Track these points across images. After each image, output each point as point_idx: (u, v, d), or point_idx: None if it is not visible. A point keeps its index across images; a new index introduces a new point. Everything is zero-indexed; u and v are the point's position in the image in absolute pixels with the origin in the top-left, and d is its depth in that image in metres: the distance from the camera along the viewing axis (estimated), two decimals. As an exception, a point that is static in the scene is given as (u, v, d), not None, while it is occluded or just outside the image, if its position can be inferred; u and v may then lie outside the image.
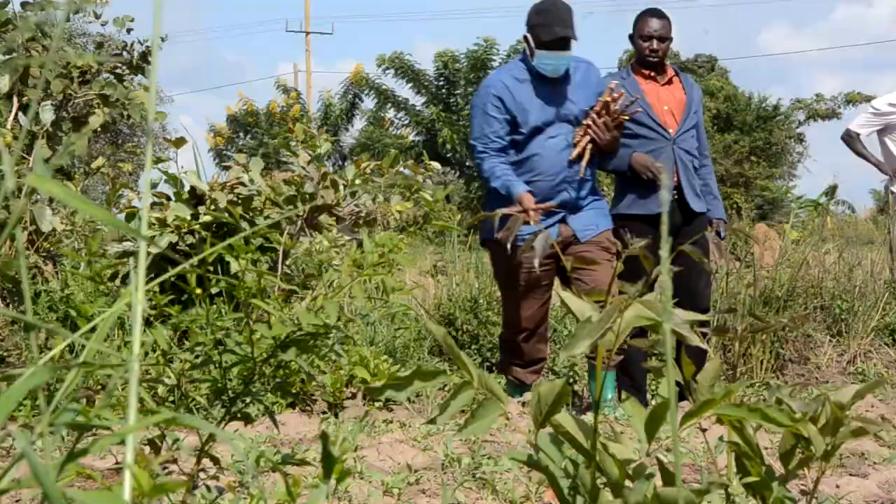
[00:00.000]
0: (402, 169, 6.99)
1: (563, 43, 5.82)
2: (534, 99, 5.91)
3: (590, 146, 5.84)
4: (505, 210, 5.52)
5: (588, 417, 1.86)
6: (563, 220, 5.93)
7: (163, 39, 7.29)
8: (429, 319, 6.93)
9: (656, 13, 6.18)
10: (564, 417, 1.72)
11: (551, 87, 5.93)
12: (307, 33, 48.92)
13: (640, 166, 5.89)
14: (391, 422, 5.14)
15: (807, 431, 1.76)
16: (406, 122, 35.11)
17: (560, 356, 6.58)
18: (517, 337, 6.00)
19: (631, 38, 6.18)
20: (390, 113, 35.58)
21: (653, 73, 6.11)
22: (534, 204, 5.64)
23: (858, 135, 9.52)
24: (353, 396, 5.85)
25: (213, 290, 5.91)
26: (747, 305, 7.00)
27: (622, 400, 5.91)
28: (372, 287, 6.85)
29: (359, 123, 37.72)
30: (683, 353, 2.07)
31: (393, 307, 6.77)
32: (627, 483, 1.73)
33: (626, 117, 5.81)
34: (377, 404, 5.68)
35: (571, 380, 6.66)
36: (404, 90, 34.90)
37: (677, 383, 2.03)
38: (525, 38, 5.90)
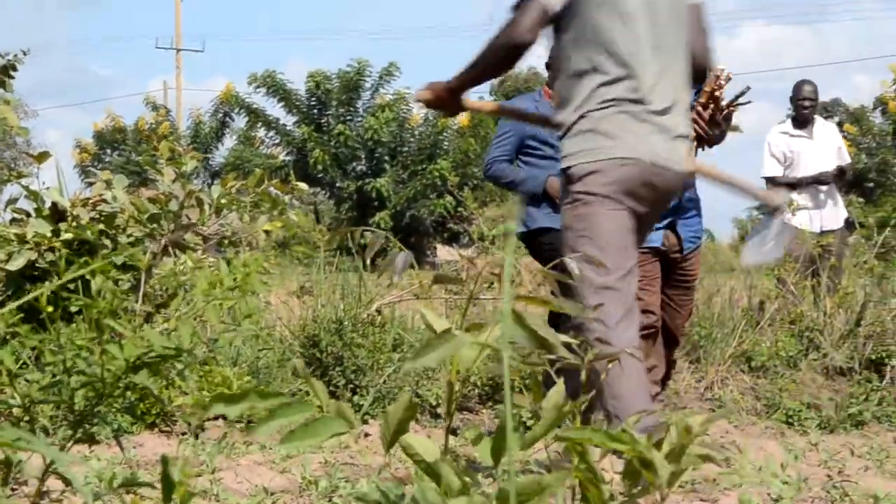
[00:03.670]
0: (268, 188, 6.96)
1: None
2: None
3: (694, 143, 4.99)
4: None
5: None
6: (671, 226, 5.51)
7: (24, 53, 7.15)
8: (300, 365, 6.89)
9: None
10: (412, 438, 1.73)
11: None
12: (178, 50, 48.50)
13: (554, 191, 5.69)
14: (251, 444, 5.10)
15: (649, 455, 1.80)
16: (277, 141, 34.87)
17: (404, 367, 6.44)
18: None
19: None
20: (261, 132, 35.32)
21: None
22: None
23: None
24: (216, 418, 5.78)
25: (73, 309, 5.79)
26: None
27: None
28: (236, 309, 6.77)
29: (229, 142, 37.46)
30: (536, 380, 2.10)
31: (253, 329, 6.70)
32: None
33: (735, 108, 5.07)
34: (239, 426, 5.62)
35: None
36: (276, 109, 34.65)
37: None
38: None
